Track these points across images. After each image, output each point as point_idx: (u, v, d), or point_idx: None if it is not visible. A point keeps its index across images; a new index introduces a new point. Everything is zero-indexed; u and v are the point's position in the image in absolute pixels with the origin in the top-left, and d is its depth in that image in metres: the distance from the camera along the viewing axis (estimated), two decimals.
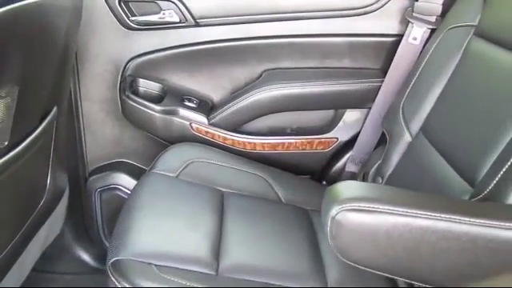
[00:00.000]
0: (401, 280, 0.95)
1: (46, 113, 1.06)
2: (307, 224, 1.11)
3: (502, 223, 0.63)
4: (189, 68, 1.36)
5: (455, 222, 0.62)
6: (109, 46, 1.30)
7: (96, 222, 1.47)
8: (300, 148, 1.39)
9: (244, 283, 0.87)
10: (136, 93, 1.34)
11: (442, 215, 0.62)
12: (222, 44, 1.33)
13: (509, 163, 0.73)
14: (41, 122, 1.04)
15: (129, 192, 1.34)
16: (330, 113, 1.40)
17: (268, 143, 1.37)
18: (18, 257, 1.07)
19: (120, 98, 1.35)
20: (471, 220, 0.62)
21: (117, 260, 0.86)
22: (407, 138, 1.12)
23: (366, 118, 1.35)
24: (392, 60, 1.27)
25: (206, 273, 0.88)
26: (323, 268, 0.98)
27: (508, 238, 0.63)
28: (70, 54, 1.11)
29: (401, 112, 1.17)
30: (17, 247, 1.06)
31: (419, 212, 0.62)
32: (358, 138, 1.37)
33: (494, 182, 0.74)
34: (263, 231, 1.03)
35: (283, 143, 1.38)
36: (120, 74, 1.33)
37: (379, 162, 1.19)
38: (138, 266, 0.84)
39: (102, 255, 1.50)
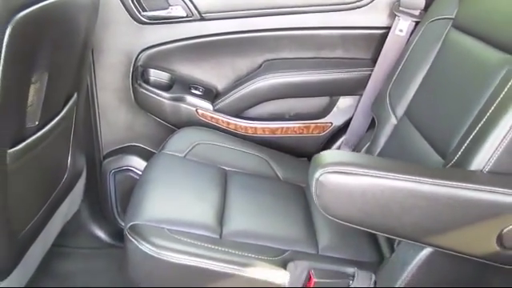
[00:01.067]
0: (385, 247, 1.08)
1: (67, 99, 1.19)
2: (302, 198, 1.23)
3: (460, 184, 0.75)
4: (195, 59, 1.48)
5: (420, 182, 0.74)
6: (122, 39, 1.42)
7: (110, 201, 1.59)
8: (297, 132, 1.50)
9: (244, 245, 0.98)
10: (147, 82, 1.46)
11: (409, 177, 0.74)
12: (225, 36, 1.44)
13: (471, 137, 0.85)
14: (63, 107, 1.16)
15: (140, 173, 1.45)
16: (324, 99, 1.51)
17: (268, 127, 1.49)
18: (44, 227, 1.19)
19: (132, 86, 1.46)
20: (434, 181, 0.74)
21: (134, 224, 0.98)
22: (393, 121, 1.24)
23: (357, 104, 1.47)
24: (381, 50, 1.38)
25: (211, 236, 0.99)
26: (315, 236, 1.09)
27: (465, 196, 0.75)
28: (89, 46, 1.23)
29: (388, 98, 1.28)
30: (42, 219, 1.18)
31: (390, 174, 0.75)
32: (351, 123, 1.48)
33: (460, 153, 0.86)
34: (262, 203, 1.15)
35: (282, 127, 1.49)
36: (132, 64, 1.45)
37: (368, 144, 1.31)
38: (152, 229, 0.96)
39: (115, 232, 1.62)
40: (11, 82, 0.82)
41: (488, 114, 0.83)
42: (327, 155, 0.79)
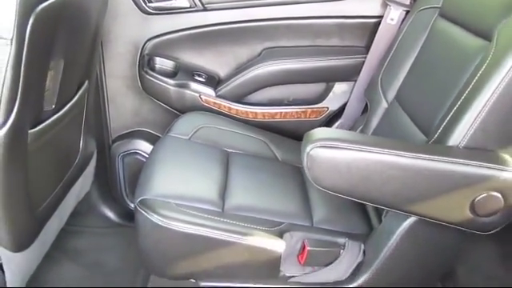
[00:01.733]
0: (374, 220, 1.17)
1: (80, 85, 1.28)
2: (299, 177, 1.31)
3: (435, 157, 0.84)
4: (198, 47, 1.55)
5: (398, 156, 0.83)
6: (129, 29, 1.50)
7: (119, 182, 1.68)
8: (295, 116, 1.58)
9: (244, 218, 1.07)
10: (153, 69, 1.54)
11: (388, 151, 0.83)
12: (226, 26, 1.52)
13: (449, 116, 0.93)
14: (76, 93, 1.25)
15: (147, 156, 1.54)
16: (321, 85, 1.59)
17: (268, 112, 1.57)
18: (59, 204, 1.29)
19: (139, 73, 1.54)
20: (411, 154, 0.83)
21: (143, 199, 1.07)
22: (384, 104, 1.32)
23: (352, 90, 1.55)
24: (374, 38, 1.46)
25: (214, 210, 1.08)
26: (310, 210, 1.18)
27: (440, 168, 0.84)
28: (99, 37, 1.32)
29: (379, 83, 1.36)
30: (58, 197, 1.28)
31: (371, 148, 0.83)
32: (346, 107, 1.57)
33: (439, 131, 0.94)
34: (261, 180, 1.24)
35: (281, 112, 1.57)
36: (139, 53, 1.53)
37: (361, 127, 1.39)
38: (160, 203, 1.05)
39: (123, 212, 1.72)
40: (32, 68, 0.91)
41: (464, 95, 0.91)
42: (317, 132, 0.87)
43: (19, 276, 1.09)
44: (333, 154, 0.84)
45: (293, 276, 1.06)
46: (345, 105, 1.57)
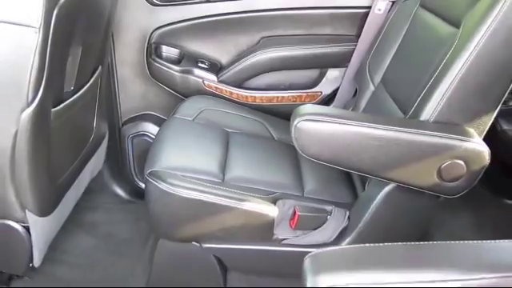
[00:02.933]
0: (359, 190, 1.30)
1: (94, 70, 1.41)
2: (292, 154, 1.43)
3: (405, 129, 0.97)
4: (201, 36, 1.67)
5: (373, 128, 0.96)
6: (138, 19, 1.62)
7: (128, 162, 1.81)
8: (291, 100, 1.70)
9: (242, 187, 1.20)
10: (159, 57, 1.66)
11: (365, 123, 0.96)
12: (228, 16, 1.64)
13: (421, 95, 1.05)
14: (91, 77, 1.38)
15: (154, 137, 1.66)
16: (315, 71, 1.71)
17: (265, 96, 1.69)
18: (76, 178, 1.42)
19: (147, 61, 1.67)
20: (383, 126, 0.96)
21: (152, 170, 1.20)
22: (371, 88, 1.44)
23: (344, 75, 1.67)
24: (363, 27, 1.58)
25: (215, 180, 1.21)
26: (301, 182, 1.31)
27: (410, 138, 0.97)
28: (111, 26, 1.45)
29: (367, 68, 1.49)
30: (75, 171, 1.41)
31: (350, 122, 0.96)
32: (338, 91, 1.69)
33: (413, 108, 1.07)
34: (258, 156, 1.37)
35: (278, 97, 1.70)
36: (146, 41, 1.65)
37: (351, 108, 1.52)
38: (167, 174, 1.18)
39: (132, 190, 1.85)
40: (55, 53, 1.04)
41: (433, 77, 1.03)
42: (303, 108, 1.00)
43: (43, 239, 1.23)
44: (317, 126, 0.97)
45: (285, 239, 1.19)
46: (337, 89, 1.69)
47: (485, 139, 1.03)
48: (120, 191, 1.86)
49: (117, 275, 1.47)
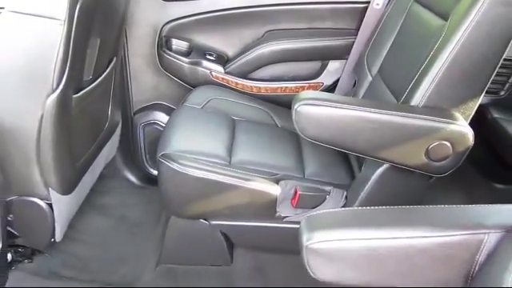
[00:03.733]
0: (356, 173, 1.39)
1: (109, 61, 1.51)
2: (295, 140, 1.53)
3: (395, 112, 1.06)
4: (209, 30, 1.77)
5: (366, 111, 1.06)
6: (149, 13, 1.72)
7: (140, 149, 1.91)
8: (294, 91, 1.79)
9: (247, 169, 1.30)
10: (170, 49, 1.76)
11: (359, 107, 1.06)
12: (234, 11, 1.73)
13: (412, 82, 1.15)
14: (107, 67, 1.48)
15: (164, 125, 1.75)
16: (317, 63, 1.80)
17: (270, 87, 1.79)
18: (92, 162, 1.53)
19: (158, 53, 1.76)
20: (376, 110, 1.06)
21: (164, 153, 1.30)
22: (369, 78, 1.53)
23: (344, 67, 1.76)
24: (362, 21, 1.67)
25: (222, 162, 1.31)
26: (303, 165, 1.41)
27: (399, 121, 1.06)
28: (125, 20, 1.55)
29: (365, 60, 1.58)
30: (91, 156, 1.51)
31: (346, 106, 1.06)
32: (339, 82, 1.78)
33: (405, 94, 1.16)
34: (262, 142, 1.46)
35: (281, 87, 1.79)
36: (157, 35, 1.75)
37: (351, 97, 1.61)
38: (178, 155, 1.28)
39: (143, 176, 1.95)
40: (77, 44, 1.13)
41: (423, 66, 1.12)
42: (303, 93, 1.10)
43: (64, 215, 1.33)
44: (315, 110, 1.07)
45: (287, 216, 1.29)
46: (338, 80, 1.78)
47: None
48: (132, 177, 1.96)
49: (130, 253, 1.58)
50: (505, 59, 1.54)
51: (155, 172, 1.87)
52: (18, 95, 1.11)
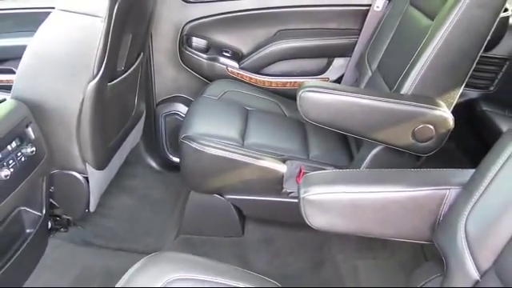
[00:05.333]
0: (354, 154, 1.56)
1: (138, 56, 1.70)
2: (301, 128, 1.70)
3: (385, 98, 1.23)
4: (226, 29, 1.95)
5: (360, 98, 1.23)
6: (173, 14, 1.91)
7: (161, 137, 2.10)
8: None
9: (258, 149, 1.48)
10: (190, 46, 1.95)
11: (354, 94, 1.23)
12: (249, 12, 1.91)
13: (403, 73, 1.32)
14: (135, 61, 1.67)
15: (184, 116, 1.94)
16: (323, 60, 1.98)
17: (280, 81, 1.97)
18: (121, 144, 1.71)
19: (179, 49, 1.95)
20: (368, 97, 1.23)
21: (185, 135, 1.49)
22: (369, 73, 1.70)
23: (348, 64, 1.94)
24: (364, 22, 1.85)
25: (236, 144, 1.49)
26: (307, 149, 1.58)
27: (388, 106, 1.23)
28: (152, 19, 1.74)
29: (366, 57, 1.75)
30: (120, 138, 1.70)
31: (342, 93, 1.24)
32: (343, 78, 1.95)
33: (396, 84, 1.33)
34: (272, 129, 1.64)
35: (290, 81, 1.97)
36: (179, 33, 1.94)
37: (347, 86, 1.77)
38: (197, 137, 1.46)
39: (164, 162, 2.13)
40: (114, 39, 1.32)
41: (412, 60, 1.30)
42: (307, 82, 1.28)
43: (97, 188, 1.52)
44: (316, 95, 1.25)
45: (292, 192, 1.47)
46: (342, 75, 1.96)
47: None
48: (153, 163, 2.14)
49: (152, 226, 1.76)
50: (494, 57, 1.74)
51: (175, 159, 2.07)
52: (64, 80, 1.30)
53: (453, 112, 1.30)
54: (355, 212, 0.89)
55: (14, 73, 1.75)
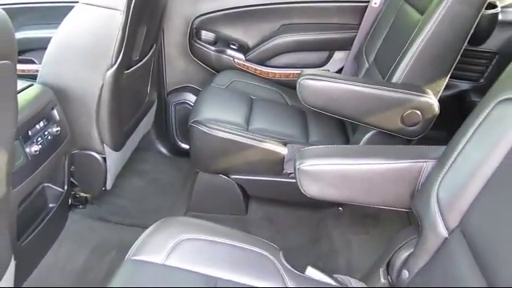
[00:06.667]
0: (351, 139, 1.69)
1: (151, 47, 1.83)
2: (302, 116, 1.83)
3: (377, 86, 1.36)
4: (233, 23, 2.08)
5: (353, 85, 1.36)
6: (183, 8, 2.03)
7: (171, 125, 2.23)
8: None
9: (261, 134, 1.61)
10: (199, 39, 2.07)
11: (348, 82, 1.36)
12: (254, 7, 2.03)
13: (394, 64, 1.44)
14: (149, 52, 1.81)
15: (193, 105, 2.06)
16: (324, 53, 2.10)
17: (283, 73, 2.09)
18: (134, 129, 1.85)
19: (189, 42, 2.08)
20: (362, 84, 1.35)
21: (195, 120, 1.62)
22: (366, 65, 1.82)
23: (347, 56, 2.06)
24: (363, 18, 1.96)
25: (241, 128, 1.62)
26: (307, 135, 1.71)
27: (379, 93, 1.36)
28: (164, 13, 1.87)
29: (364, 50, 1.87)
30: (134, 124, 1.83)
31: (337, 80, 1.36)
32: (343, 69, 2.07)
33: (388, 74, 1.46)
34: (274, 115, 1.76)
35: (293, 73, 2.09)
36: (189, 27, 2.06)
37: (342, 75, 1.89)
38: (206, 121, 1.60)
39: (173, 149, 2.26)
40: (131, 30, 1.45)
41: (402, 52, 1.42)
42: (305, 71, 1.41)
43: (114, 168, 1.66)
44: (313, 83, 1.37)
45: (291, 173, 1.59)
46: (342, 68, 2.08)
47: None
48: (163, 149, 2.28)
49: (162, 205, 1.90)
50: (484, 51, 1.85)
51: (184, 145, 2.20)
52: (86, 68, 1.43)
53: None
54: (344, 182, 1.02)
55: (34, 63, 1.90)
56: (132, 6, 1.40)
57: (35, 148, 1.25)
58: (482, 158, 0.85)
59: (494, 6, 1.77)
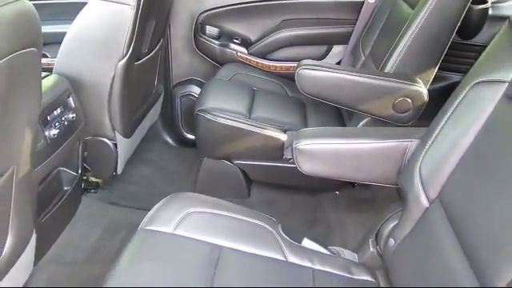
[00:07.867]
0: (347, 123, 1.79)
1: (158, 41, 1.93)
2: (301, 106, 1.93)
3: (369, 75, 1.46)
4: (236, 19, 2.17)
5: (347, 74, 1.46)
6: (188, 4, 2.14)
7: (177, 116, 2.33)
8: None
9: (262, 122, 1.71)
10: (204, 33, 2.18)
11: (343, 71, 1.46)
12: (256, 4, 2.14)
13: (386, 56, 1.54)
14: (156, 45, 1.91)
15: (197, 97, 2.16)
16: (323, 47, 2.19)
17: (284, 66, 2.19)
18: (142, 120, 1.95)
19: (194, 37, 2.18)
20: (356, 73, 1.45)
21: (200, 109, 1.72)
22: (362, 58, 1.92)
23: (345, 50, 2.15)
24: (360, 13, 2.06)
25: (243, 116, 1.72)
26: (306, 123, 1.80)
27: (372, 82, 1.46)
28: (171, 9, 1.97)
29: (360, 45, 1.97)
30: (142, 113, 1.94)
31: (333, 70, 1.46)
32: (341, 63, 2.17)
33: (381, 64, 1.56)
34: (275, 105, 1.86)
35: (293, 66, 2.17)
36: (194, 22, 2.17)
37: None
38: (211, 109, 1.70)
39: (179, 139, 2.36)
40: (141, 24, 1.56)
41: (394, 43, 1.52)
42: (303, 61, 1.51)
43: (124, 154, 1.77)
44: (310, 72, 1.48)
45: (291, 158, 1.68)
46: (340, 61, 2.17)
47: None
48: (169, 139, 2.38)
49: (169, 191, 1.95)
50: (475, 45, 1.95)
51: (189, 136, 2.30)
52: (98, 59, 1.54)
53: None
54: (336, 159, 1.12)
55: (46, 57, 2.01)
56: (142, 1, 1.50)
57: (54, 132, 1.35)
58: (459, 136, 0.95)
59: (484, 1, 1.87)
